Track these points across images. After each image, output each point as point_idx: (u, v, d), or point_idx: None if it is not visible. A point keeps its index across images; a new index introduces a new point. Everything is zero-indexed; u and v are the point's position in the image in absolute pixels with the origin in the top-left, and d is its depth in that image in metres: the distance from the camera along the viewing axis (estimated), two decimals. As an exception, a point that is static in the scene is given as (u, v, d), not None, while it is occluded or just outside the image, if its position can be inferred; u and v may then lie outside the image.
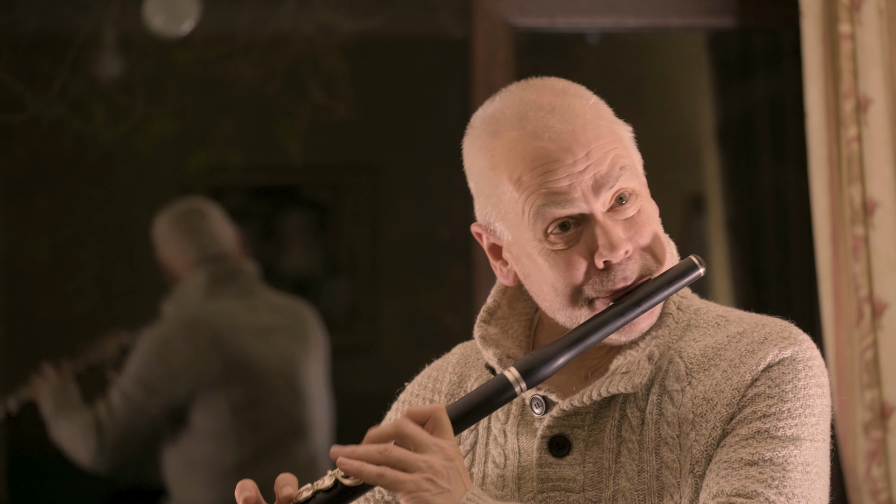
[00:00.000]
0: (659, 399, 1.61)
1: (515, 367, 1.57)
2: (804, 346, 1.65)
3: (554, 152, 1.58)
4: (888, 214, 2.89)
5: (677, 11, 3.22)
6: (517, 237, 1.62)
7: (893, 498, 2.91)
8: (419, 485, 1.47)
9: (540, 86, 1.65)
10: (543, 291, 1.63)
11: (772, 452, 1.56)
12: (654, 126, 4.71)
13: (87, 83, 4.28)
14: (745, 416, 1.58)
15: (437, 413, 1.52)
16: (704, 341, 1.65)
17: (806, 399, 1.62)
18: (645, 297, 1.60)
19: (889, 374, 2.89)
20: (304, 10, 4.08)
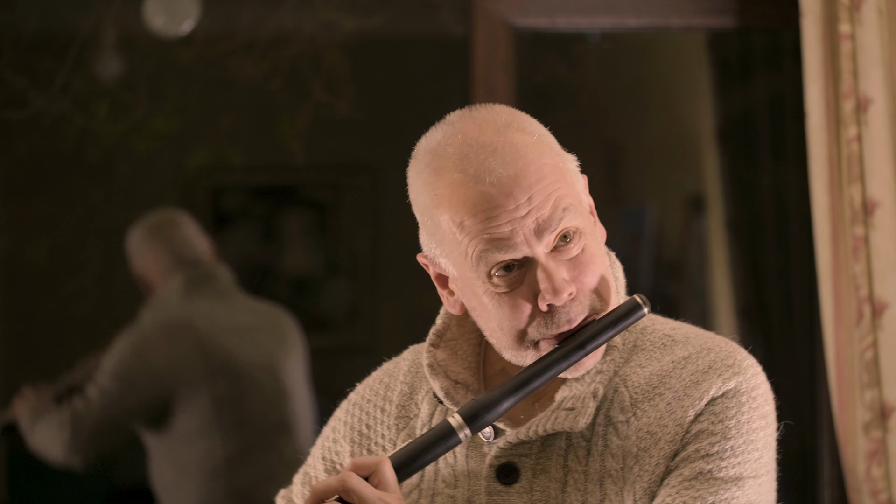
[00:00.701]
0: (604, 430, 1.62)
1: (459, 414, 1.56)
2: (748, 374, 1.64)
3: (495, 197, 1.56)
4: (888, 214, 2.89)
5: (677, 11, 3.22)
6: (461, 275, 1.62)
7: (893, 498, 2.91)
8: None
9: (483, 119, 1.63)
10: (490, 328, 1.62)
11: (714, 496, 1.56)
12: (654, 126, 4.71)
13: (87, 82, 4.28)
14: (689, 454, 1.58)
15: (382, 466, 1.52)
16: (650, 367, 1.65)
17: (749, 434, 1.61)
18: (589, 339, 1.59)
19: (889, 374, 2.89)
20: (304, 8, 4.08)
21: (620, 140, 4.69)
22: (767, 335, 3.81)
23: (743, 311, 3.91)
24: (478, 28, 3.19)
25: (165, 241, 3.64)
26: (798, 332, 3.66)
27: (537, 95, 4.14)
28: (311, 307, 3.73)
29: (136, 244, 3.68)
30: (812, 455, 3.42)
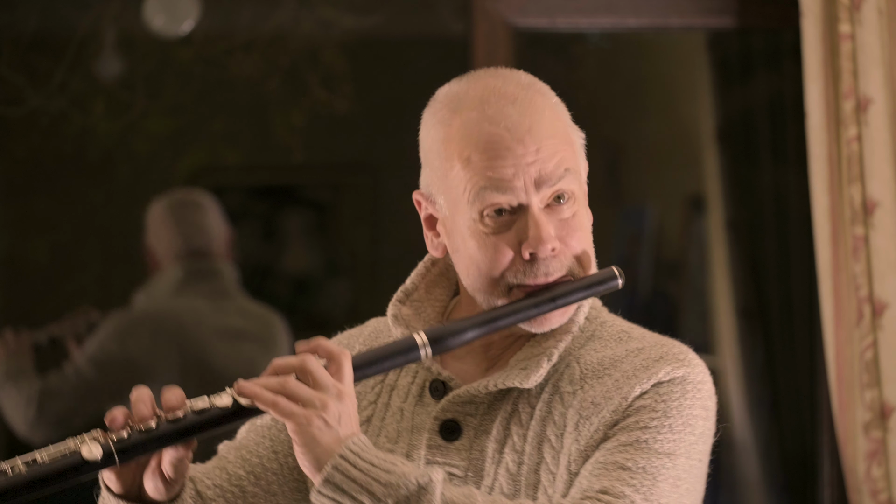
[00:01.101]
0: (550, 398, 1.67)
1: (425, 333, 1.63)
2: (697, 369, 1.69)
3: (506, 140, 1.64)
4: (888, 214, 2.89)
5: (677, 11, 3.22)
6: (454, 213, 1.68)
7: (893, 498, 2.91)
8: (309, 419, 1.53)
9: (507, 76, 1.71)
10: (468, 269, 1.68)
11: (646, 461, 1.59)
12: (654, 126, 4.71)
13: (86, 81, 4.28)
14: (628, 424, 1.62)
15: (342, 357, 1.58)
16: (604, 352, 1.70)
17: (689, 418, 1.64)
18: (561, 296, 1.66)
19: (889, 374, 2.89)
20: (304, 8, 4.08)
21: (620, 140, 4.69)
22: (767, 335, 3.81)
23: (743, 311, 3.91)
24: (478, 28, 3.19)
25: (181, 223, 3.61)
26: (798, 332, 3.66)
27: (537, 95, 4.14)
28: (311, 307, 3.73)
29: (153, 217, 3.66)
30: (812, 455, 3.42)
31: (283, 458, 1.76)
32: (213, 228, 3.64)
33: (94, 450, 1.53)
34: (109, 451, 1.54)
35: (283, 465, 1.75)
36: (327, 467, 1.52)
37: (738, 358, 3.96)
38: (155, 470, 1.61)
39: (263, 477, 1.75)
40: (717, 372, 4.14)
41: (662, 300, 4.53)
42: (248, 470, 1.75)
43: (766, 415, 3.88)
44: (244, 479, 1.75)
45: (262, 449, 1.77)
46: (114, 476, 1.60)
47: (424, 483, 1.52)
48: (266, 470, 1.75)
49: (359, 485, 1.51)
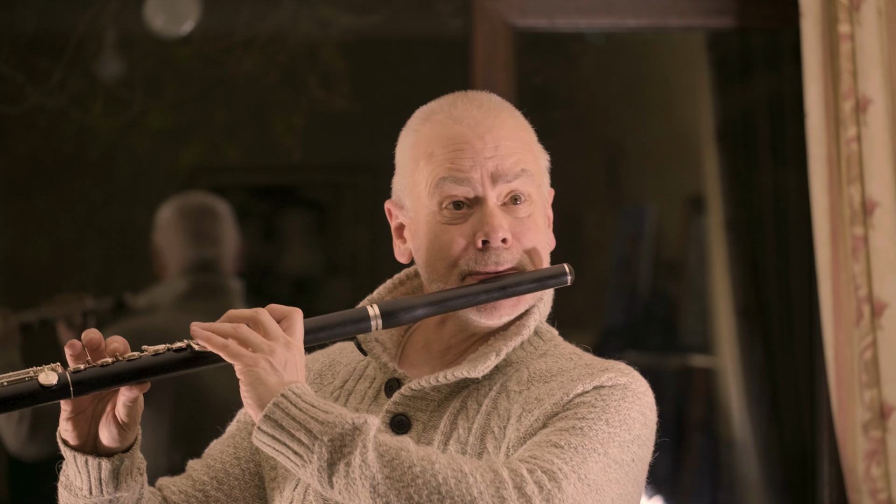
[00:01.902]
0: (497, 395, 1.75)
1: (377, 305, 1.72)
2: (639, 382, 1.75)
3: (467, 136, 1.76)
4: (887, 214, 2.89)
5: (677, 12, 3.22)
6: (417, 210, 1.79)
7: (893, 497, 2.92)
8: (256, 361, 1.61)
9: (478, 93, 1.84)
10: (426, 260, 1.78)
11: (578, 443, 1.64)
12: (654, 126, 4.71)
13: (85, 80, 4.28)
14: (567, 414, 1.68)
15: (294, 315, 1.68)
16: (553, 363, 1.78)
17: (626, 419, 1.69)
18: (511, 285, 1.75)
19: (888, 373, 2.89)
20: (303, 7, 4.08)
21: (620, 140, 4.69)
22: (767, 335, 3.81)
23: (742, 311, 3.91)
24: (478, 28, 3.19)
25: (195, 232, 3.59)
26: (798, 332, 3.66)
27: (537, 95, 4.14)
28: (311, 307, 3.72)
29: (165, 220, 3.62)
30: (812, 455, 3.42)
31: (245, 464, 1.84)
32: (226, 241, 3.61)
33: (50, 377, 1.59)
34: (66, 382, 1.60)
35: (245, 470, 1.84)
36: (269, 405, 1.58)
37: (737, 358, 3.96)
38: (109, 416, 1.67)
39: (226, 482, 1.83)
40: (716, 372, 4.14)
41: (662, 300, 4.53)
42: (212, 476, 1.83)
43: (765, 414, 3.88)
44: (208, 483, 1.83)
45: (226, 456, 1.85)
46: (70, 427, 1.67)
47: (359, 424, 1.57)
48: (228, 475, 1.84)
49: (297, 422, 1.57)
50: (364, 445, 1.56)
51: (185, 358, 1.65)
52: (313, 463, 1.56)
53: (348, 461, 1.55)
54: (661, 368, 4.27)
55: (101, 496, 1.70)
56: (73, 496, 1.71)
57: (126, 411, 1.67)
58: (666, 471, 4.17)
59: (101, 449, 1.70)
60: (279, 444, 1.58)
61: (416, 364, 1.83)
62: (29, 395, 1.59)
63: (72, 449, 1.68)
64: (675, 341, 4.39)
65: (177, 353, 1.65)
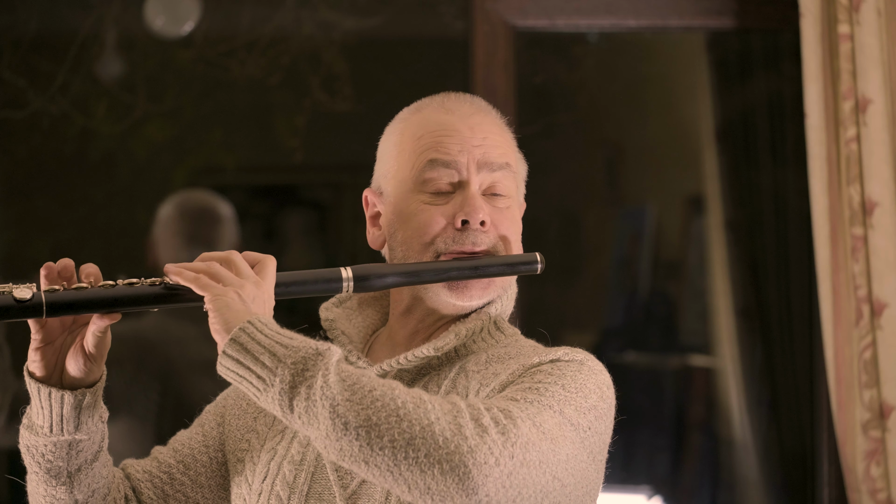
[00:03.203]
0: (456, 376, 1.80)
1: (350, 269, 1.76)
2: (596, 362, 1.78)
3: (456, 124, 1.83)
4: (887, 214, 2.89)
5: (677, 12, 3.23)
6: (397, 193, 1.85)
7: (892, 497, 2.92)
8: (225, 293, 1.64)
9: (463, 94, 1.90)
10: (405, 238, 1.83)
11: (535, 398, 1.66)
12: (654, 126, 4.71)
13: (88, 83, 4.28)
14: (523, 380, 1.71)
15: (267, 261, 1.71)
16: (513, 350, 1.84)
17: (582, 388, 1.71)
18: (483, 266, 1.81)
19: (888, 373, 2.90)
20: (304, 8, 4.08)
21: (620, 140, 4.70)
22: (767, 335, 3.81)
23: (742, 311, 3.91)
24: (478, 28, 3.19)
25: (193, 235, 3.59)
26: (797, 332, 3.66)
27: (537, 95, 4.15)
28: (310, 307, 3.73)
29: (165, 216, 3.62)
30: (811, 454, 3.42)
31: (213, 453, 1.88)
32: (224, 245, 3.61)
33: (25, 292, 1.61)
34: (39, 300, 1.62)
35: (213, 459, 1.88)
36: (235, 330, 1.60)
37: (737, 357, 3.96)
38: (77, 347, 1.71)
39: (193, 467, 1.87)
40: (716, 372, 4.15)
41: (662, 300, 4.53)
42: (179, 459, 1.88)
43: (765, 414, 3.88)
44: (174, 466, 1.87)
45: (194, 442, 1.89)
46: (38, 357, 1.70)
47: (323, 350, 1.60)
48: (196, 461, 1.88)
49: (262, 346, 1.59)
50: (326, 369, 1.58)
51: (157, 293, 1.67)
52: (275, 386, 1.57)
53: (310, 384, 1.57)
54: (661, 368, 4.27)
55: (60, 435, 1.73)
56: (33, 435, 1.74)
57: (94, 341, 1.70)
58: (666, 471, 4.17)
59: (67, 382, 1.73)
60: (242, 369, 1.59)
61: (380, 358, 1.87)
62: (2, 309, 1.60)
63: (37, 381, 1.72)
64: (675, 341, 4.39)
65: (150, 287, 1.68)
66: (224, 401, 1.96)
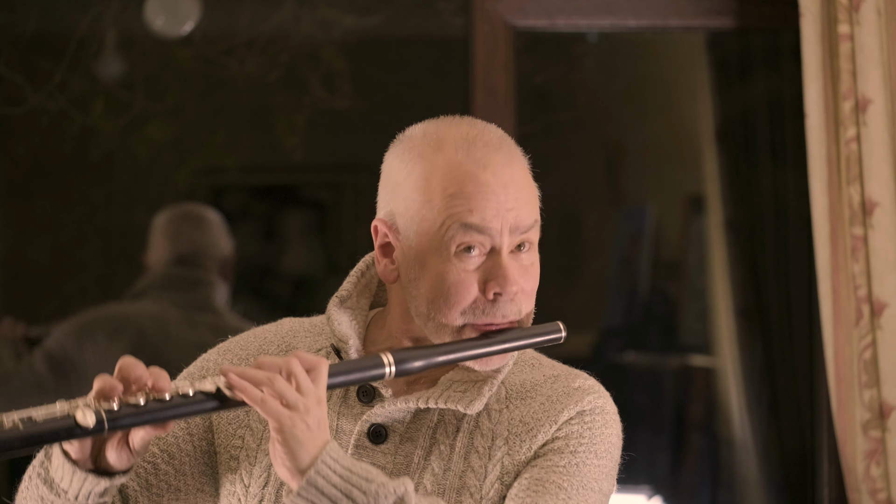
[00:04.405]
0: (477, 414, 1.78)
1: (391, 354, 1.72)
2: (609, 401, 1.82)
3: (493, 185, 1.74)
4: (887, 215, 2.89)
5: (677, 12, 3.23)
6: (423, 245, 1.76)
7: (892, 497, 2.92)
8: (294, 421, 1.60)
9: (484, 125, 1.81)
10: (427, 299, 1.76)
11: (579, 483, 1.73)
12: (654, 126, 4.71)
13: (86, 81, 4.28)
14: (558, 446, 1.75)
15: (321, 365, 1.66)
16: (523, 376, 1.82)
17: (609, 446, 1.78)
18: (510, 340, 1.76)
19: (888, 373, 2.90)
20: (304, 7, 4.08)
21: (620, 140, 4.69)
22: (767, 335, 3.81)
23: (742, 311, 3.91)
24: (478, 28, 3.19)
25: (176, 234, 3.60)
26: (797, 332, 3.66)
27: (537, 95, 4.15)
28: (311, 307, 3.72)
29: (155, 227, 3.65)
30: (811, 454, 3.42)
31: (198, 441, 1.85)
32: (209, 244, 3.61)
33: (87, 417, 1.59)
34: (101, 420, 1.60)
35: (197, 448, 1.85)
36: (311, 472, 1.59)
37: (737, 358, 3.96)
38: (121, 443, 1.68)
39: (177, 457, 1.85)
40: (716, 372, 4.15)
41: (662, 300, 4.53)
42: (163, 448, 1.84)
43: (765, 414, 3.88)
44: (158, 456, 1.84)
45: (179, 430, 1.86)
46: (77, 443, 1.66)
47: (401, 494, 1.60)
48: (180, 451, 1.85)
49: (340, 491, 1.59)
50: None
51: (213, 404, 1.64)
52: None
53: None
54: (660, 368, 4.27)
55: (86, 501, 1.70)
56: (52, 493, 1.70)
57: (141, 441, 1.67)
58: (666, 471, 4.17)
59: (101, 465, 1.69)
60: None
61: None
62: (64, 431, 1.59)
63: (71, 462, 1.68)
64: (675, 341, 4.40)
65: (206, 395, 1.64)
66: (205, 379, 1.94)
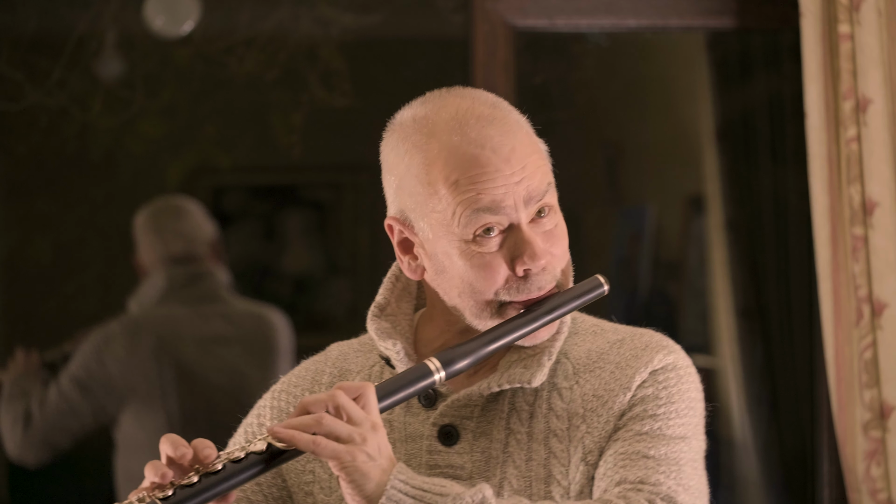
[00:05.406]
0: (548, 395, 1.71)
1: (436, 358, 1.65)
2: (682, 354, 1.77)
3: (494, 162, 1.66)
4: (887, 214, 2.89)
5: (677, 12, 3.22)
6: (439, 235, 1.70)
7: (893, 497, 2.92)
8: (354, 455, 1.53)
9: (473, 97, 1.73)
10: (458, 289, 1.71)
11: (666, 448, 1.66)
12: (654, 126, 4.71)
13: (86, 80, 4.28)
14: (637, 413, 1.68)
15: (367, 390, 1.59)
16: (587, 346, 1.76)
17: (689, 401, 1.72)
18: (555, 308, 1.70)
19: (888, 373, 2.89)
20: (303, 6, 4.08)
21: (620, 140, 4.69)
22: (767, 335, 3.81)
23: (742, 311, 3.91)
24: (478, 28, 3.19)
25: (160, 231, 3.61)
26: (797, 332, 3.66)
27: (537, 95, 4.15)
28: (311, 307, 3.73)
29: (138, 227, 3.67)
30: (811, 455, 3.42)
31: (267, 489, 1.79)
32: (195, 232, 3.62)
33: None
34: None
35: (268, 496, 1.78)
36: (383, 500, 1.53)
37: (737, 358, 3.96)
38: None
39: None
40: (716, 372, 4.14)
41: (662, 300, 4.53)
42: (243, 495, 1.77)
43: (765, 414, 3.88)
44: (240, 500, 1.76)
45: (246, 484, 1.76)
46: None
47: (479, 500, 1.54)
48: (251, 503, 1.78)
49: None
50: None
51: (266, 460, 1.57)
52: None
53: None
54: (661, 368, 4.26)
55: None
56: None
57: None
58: (666, 471, 4.16)
59: None
60: None
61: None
62: None
63: None
64: (675, 341, 4.39)
65: (258, 454, 1.57)
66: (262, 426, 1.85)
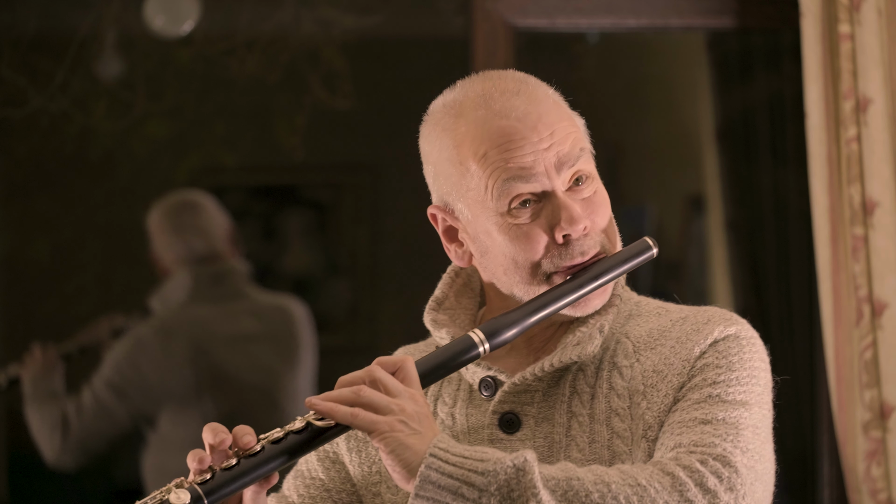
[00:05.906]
0: (609, 374, 1.69)
1: (480, 329, 1.63)
2: (745, 326, 1.75)
3: (521, 130, 1.65)
4: (887, 214, 2.89)
5: (677, 12, 3.22)
6: (477, 214, 1.68)
7: (893, 497, 2.92)
8: (392, 426, 1.52)
9: (501, 74, 1.72)
10: (502, 266, 1.69)
11: (724, 413, 1.62)
12: (654, 126, 4.72)
13: (87, 81, 4.28)
14: (696, 383, 1.65)
15: (407, 363, 1.58)
16: (649, 325, 1.73)
17: (752, 370, 1.68)
18: (601, 273, 1.68)
19: (888, 373, 2.89)
20: (304, 7, 4.08)
21: (620, 140, 4.70)
22: (767, 335, 3.78)
23: (743, 312, 3.89)
24: (478, 28, 3.19)
25: (181, 229, 3.61)
26: (798, 332, 3.66)
27: (537, 95, 4.14)
28: (311, 307, 3.73)
29: (153, 226, 3.66)
30: (812, 455, 3.42)
31: (337, 495, 1.76)
32: (214, 228, 3.63)
33: (181, 496, 1.52)
34: (197, 495, 1.52)
35: (337, 501, 1.76)
36: (422, 468, 1.50)
37: (737, 358, 3.95)
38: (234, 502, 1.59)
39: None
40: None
41: (662, 300, 4.53)
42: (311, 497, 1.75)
43: (765, 414, 3.88)
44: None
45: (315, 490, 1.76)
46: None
47: (520, 464, 1.50)
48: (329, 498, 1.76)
49: (457, 479, 1.49)
50: (534, 486, 1.49)
51: (307, 439, 1.55)
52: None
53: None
54: (661, 368, 4.26)
55: None
56: None
57: (253, 498, 1.59)
58: (666, 471, 4.16)
59: None
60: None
61: (498, 358, 1.74)
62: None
63: None
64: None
65: (298, 434, 1.55)
66: None
